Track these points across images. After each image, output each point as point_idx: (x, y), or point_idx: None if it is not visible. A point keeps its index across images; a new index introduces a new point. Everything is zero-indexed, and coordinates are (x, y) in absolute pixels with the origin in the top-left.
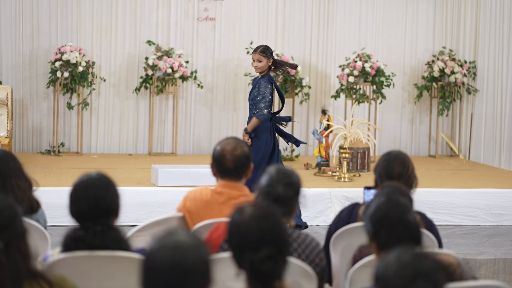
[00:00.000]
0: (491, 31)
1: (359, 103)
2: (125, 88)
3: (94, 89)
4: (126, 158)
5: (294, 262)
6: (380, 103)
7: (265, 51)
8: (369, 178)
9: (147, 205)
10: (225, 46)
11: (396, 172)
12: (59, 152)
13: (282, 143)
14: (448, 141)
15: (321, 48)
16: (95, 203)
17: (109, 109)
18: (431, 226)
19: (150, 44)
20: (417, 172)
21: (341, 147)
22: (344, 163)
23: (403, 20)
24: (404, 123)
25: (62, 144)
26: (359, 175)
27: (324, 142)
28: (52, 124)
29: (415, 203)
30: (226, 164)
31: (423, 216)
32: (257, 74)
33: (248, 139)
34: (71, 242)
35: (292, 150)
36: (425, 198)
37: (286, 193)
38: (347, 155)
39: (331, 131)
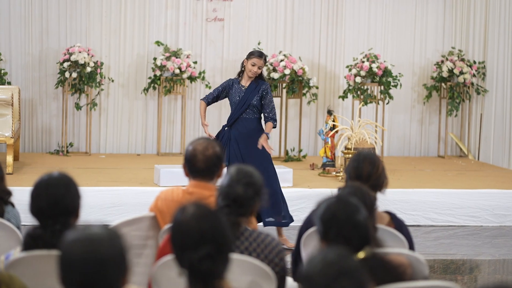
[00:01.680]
0: (501, 31)
1: (366, 103)
2: (134, 89)
3: (102, 89)
4: (134, 158)
5: (252, 262)
6: (387, 103)
7: (266, 60)
8: None
9: (147, 205)
10: (233, 47)
11: (365, 172)
12: (67, 152)
13: (289, 143)
14: (458, 141)
15: (330, 49)
16: (54, 201)
17: (118, 110)
18: (401, 226)
19: (158, 45)
20: (423, 172)
21: (346, 148)
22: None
23: (413, 20)
24: (413, 124)
25: (71, 144)
26: None
27: (329, 143)
28: (61, 124)
29: (416, 203)
30: (197, 164)
31: (393, 216)
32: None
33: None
34: (30, 241)
35: (300, 150)
36: (428, 199)
37: (246, 193)
38: (351, 155)
39: (336, 132)
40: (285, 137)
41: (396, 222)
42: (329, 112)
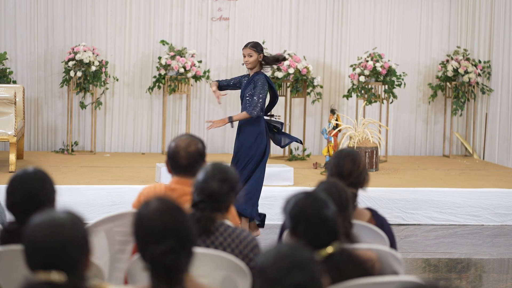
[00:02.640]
0: (506, 31)
1: (370, 103)
2: (139, 88)
3: (107, 88)
4: (139, 157)
5: (226, 257)
6: (391, 102)
7: (255, 46)
8: (376, 177)
9: None
10: (238, 46)
11: (346, 169)
12: (72, 151)
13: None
14: (463, 141)
15: (335, 48)
16: (29, 196)
17: (123, 108)
18: (382, 223)
19: (164, 44)
20: (426, 171)
21: (348, 147)
22: None
23: (418, 19)
24: (418, 123)
25: (76, 143)
26: None
27: (332, 142)
28: (66, 123)
29: (417, 202)
30: (179, 161)
31: (374, 213)
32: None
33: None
34: (6, 235)
35: (304, 150)
36: (429, 198)
37: (220, 188)
38: None
39: (339, 131)
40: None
41: (377, 219)
42: (332, 111)
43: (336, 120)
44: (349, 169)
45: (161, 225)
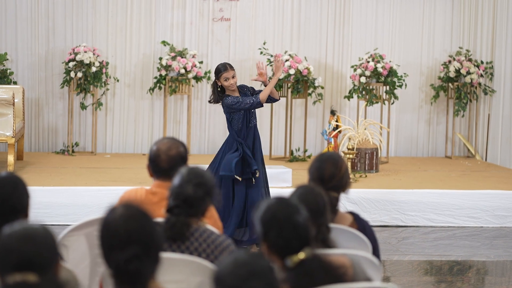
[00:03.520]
0: (508, 31)
1: (371, 104)
2: (140, 88)
3: (108, 89)
4: (139, 158)
5: (201, 262)
6: (392, 103)
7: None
8: (375, 178)
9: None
10: (240, 47)
11: (328, 173)
12: (73, 151)
13: (294, 143)
14: (465, 142)
15: (337, 49)
16: (2, 201)
17: (124, 109)
18: (364, 227)
19: (164, 45)
20: (426, 173)
21: (348, 148)
22: (349, 164)
23: (420, 20)
24: (421, 124)
25: (76, 144)
26: (366, 176)
27: (332, 143)
28: (67, 124)
29: (416, 203)
30: (161, 164)
31: (356, 216)
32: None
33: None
34: None
35: (305, 151)
36: (428, 199)
37: (196, 193)
38: (351, 155)
39: (339, 132)
40: (290, 137)
41: (359, 223)
42: (332, 112)
43: (336, 121)
44: (331, 172)
45: (126, 232)
